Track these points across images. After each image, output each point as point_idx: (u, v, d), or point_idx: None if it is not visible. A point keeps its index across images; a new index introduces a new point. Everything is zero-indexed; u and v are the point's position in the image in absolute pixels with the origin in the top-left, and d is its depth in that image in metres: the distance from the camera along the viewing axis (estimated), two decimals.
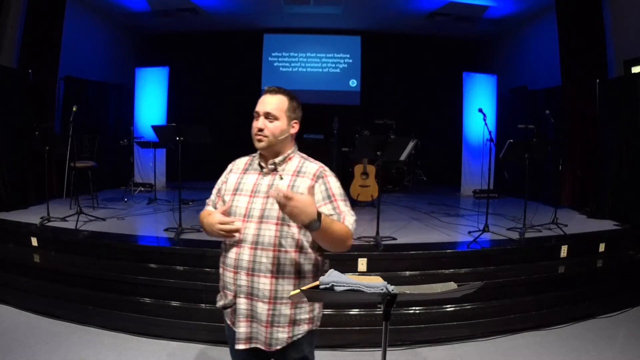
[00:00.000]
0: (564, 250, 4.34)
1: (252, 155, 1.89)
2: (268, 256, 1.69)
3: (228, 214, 1.74)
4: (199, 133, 4.61)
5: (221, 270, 1.80)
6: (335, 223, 1.64)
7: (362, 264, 3.83)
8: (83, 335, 3.48)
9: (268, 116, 1.77)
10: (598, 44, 6.02)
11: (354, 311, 3.52)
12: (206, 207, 1.91)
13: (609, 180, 5.66)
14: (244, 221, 1.72)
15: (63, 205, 5.67)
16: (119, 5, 7.81)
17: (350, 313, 3.51)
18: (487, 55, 9.75)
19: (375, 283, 1.58)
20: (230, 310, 1.79)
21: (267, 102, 1.79)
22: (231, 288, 1.75)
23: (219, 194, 1.87)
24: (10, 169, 5.63)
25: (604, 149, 5.80)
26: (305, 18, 8.79)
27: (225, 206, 1.76)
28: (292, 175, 1.76)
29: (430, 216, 5.80)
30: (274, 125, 1.76)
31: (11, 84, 5.71)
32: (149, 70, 8.04)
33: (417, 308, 3.58)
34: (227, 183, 1.85)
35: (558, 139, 5.93)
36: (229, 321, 1.81)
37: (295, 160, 1.82)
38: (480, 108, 4.98)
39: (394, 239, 4.41)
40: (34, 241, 4.36)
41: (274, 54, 9.76)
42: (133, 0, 7.62)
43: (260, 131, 1.76)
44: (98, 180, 6.54)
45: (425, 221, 5.49)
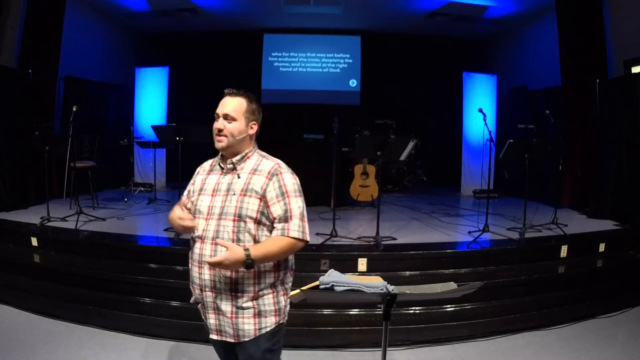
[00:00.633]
0: (564, 250, 4.34)
1: (217, 157, 1.97)
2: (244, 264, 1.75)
3: (194, 212, 1.87)
4: (199, 133, 4.60)
5: (189, 265, 1.90)
6: (270, 247, 1.74)
7: (362, 264, 3.83)
8: (83, 335, 3.48)
9: (227, 117, 1.85)
10: (598, 44, 6.02)
11: (354, 311, 3.52)
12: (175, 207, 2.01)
13: (609, 180, 5.66)
14: (207, 219, 1.81)
15: (63, 205, 5.66)
16: (119, 5, 7.81)
17: (350, 313, 3.51)
18: (487, 55, 9.75)
19: (375, 283, 1.59)
20: (200, 304, 1.89)
21: (226, 104, 1.87)
22: (197, 282, 1.84)
23: (189, 195, 1.97)
24: (10, 169, 5.63)
25: (604, 149, 5.80)
26: (305, 18, 8.78)
27: (191, 204, 1.90)
28: (249, 173, 1.83)
29: (430, 216, 5.80)
30: (232, 126, 1.84)
31: (11, 84, 5.71)
32: (149, 70, 8.05)
33: (417, 308, 3.58)
34: (195, 184, 1.96)
35: (558, 139, 5.93)
36: (202, 316, 1.91)
37: (254, 159, 1.89)
38: (480, 108, 4.98)
39: (394, 239, 4.42)
40: (34, 241, 4.36)
41: (274, 54, 9.75)
42: (133, 0, 7.62)
43: (220, 132, 1.85)
44: (98, 180, 6.54)
45: (425, 221, 5.49)
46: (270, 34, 9.69)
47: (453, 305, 3.64)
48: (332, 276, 1.58)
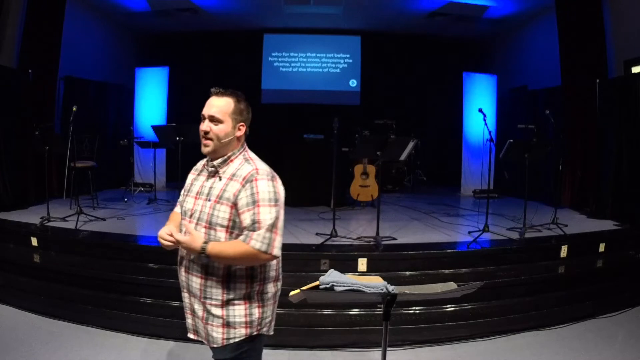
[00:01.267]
0: (564, 250, 4.34)
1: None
2: (199, 256, 1.74)
3: (182, 214, 1.87)
4: (199, 133, 4.59)
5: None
6: (227, 248, 1.67)
7: (362, 264, 3.83)
8: (83, 335, 3.48)
9: (213, 119, 1.77)
10: (598, 44, 6.02)
11: (354, 311, 3.52)
12: (176, 206, 2.01)
13: (609, 180, 5.66)
14: (189, 221, 1.79)
15: (63, 205, 5.67)
16: (119, 5, 7.81)
17: (350, 313, 3.51)
18: (487, 55, 9.75)
19: (375, 283, 1.59)
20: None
21: (213, 105, 1.79)
22: (179, 283, 1.86)
23: (183, 194, 1.95)
24: (10, 169, 5.62)
25: (604, 149, 5.80)
26: (305, 18, 8.78)
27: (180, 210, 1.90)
28: (228, 179, 1.75)
29: (430, 216, 5.80)
30: (219, 129, 1.76)
31: (11, 84, 5.71)
32: (149, 70, 8.05)
33: (417, 308, 3.58)
34: (186, 184, 1.94)
35: (558, 139, 5.93)
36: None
37: (237, 162, 1.80)
38: (480, 108, 4.97)
39: (394, 239, 4.42)
40: (34, 241, 4.36)
41: (274, 54, 9.75)
42: (133, 0, 7.62)
43: (206, 134, 1.78)
44: (98, 180, 6.55)
45: (425, 221, 5.49)
46: (270, 34, 9.69)
47: (453, 305, 3.64)
48: (332, 276, 1.58)
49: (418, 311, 3.57)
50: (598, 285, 4.13)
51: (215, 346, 1.77)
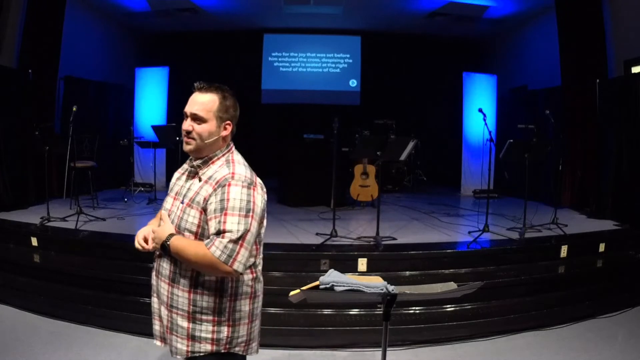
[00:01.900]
0: (564, 250, 4.34)
1: None
2: (167, 262, 1.68)
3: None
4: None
5: None
6: (187, 247, 1.55)
7: (362, 264, 3.83)
8: (83, 335, 3.48)
9: (195, 118, 1.64)
10: (598, 44, 6.01)
11: (354, 311, 3.52)
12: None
13: (609, 180, 5.66)
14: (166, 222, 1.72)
15: (63, 205, 5.66)
16: (119, 5, 7.81)
17: (350, 313, 3.51)
18: (487, 55, 9.74)
19: (375, 283, 1.58)
20: None
21: (196, 102, 1.65)
22: (151, 287, 1.79)
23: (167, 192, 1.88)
24: (10, 169, 5.62)
25: (604, 149, 5.80)
26: (305, 18, 8.78)
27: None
28: (204, 182, 1.63)
29: (430, 216, 5.80)
30: (202, 128, 1.63)
31: (11, 84, 5.70)
32: (149, 70, 8.04)
33: (417, 308, 3.58)
34: (171, 182, 1.84)
35: (558, 139, 5.93)
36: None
37: (218, 164, 1.66)
38: (480, 108, 4.98)
39: (394, 239, 4.42)
40: (34, 241, 4.36)
41: (274, 54, 9.75)
42: (133, 0, 7.62)
43: (188, 134, 1.65)
44: (98, 180, 6.54)
45: (425, 221, 5.49)
46: (270, 34, 9.69)
47: (453, 305, 3.64)
48: (332, 276, 1.57)
49: (418, 311, 3.57)
50: (598, 285, 4.13)
51: (179, 357, 1.68)
